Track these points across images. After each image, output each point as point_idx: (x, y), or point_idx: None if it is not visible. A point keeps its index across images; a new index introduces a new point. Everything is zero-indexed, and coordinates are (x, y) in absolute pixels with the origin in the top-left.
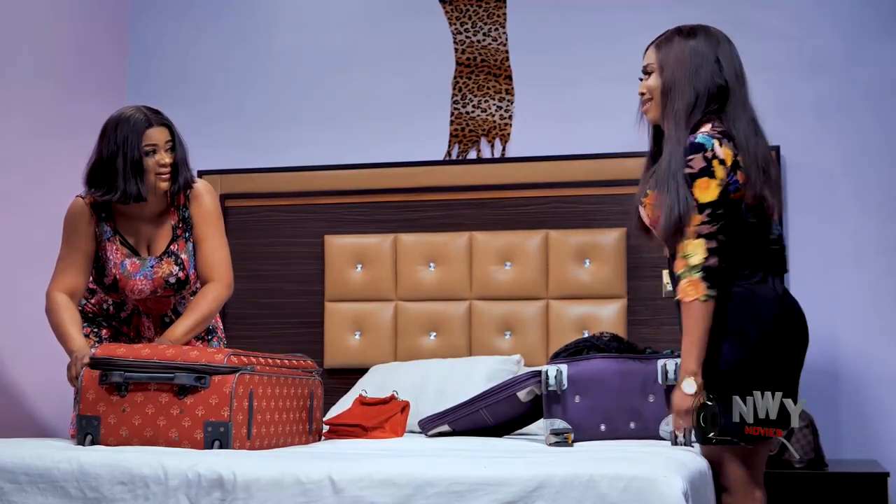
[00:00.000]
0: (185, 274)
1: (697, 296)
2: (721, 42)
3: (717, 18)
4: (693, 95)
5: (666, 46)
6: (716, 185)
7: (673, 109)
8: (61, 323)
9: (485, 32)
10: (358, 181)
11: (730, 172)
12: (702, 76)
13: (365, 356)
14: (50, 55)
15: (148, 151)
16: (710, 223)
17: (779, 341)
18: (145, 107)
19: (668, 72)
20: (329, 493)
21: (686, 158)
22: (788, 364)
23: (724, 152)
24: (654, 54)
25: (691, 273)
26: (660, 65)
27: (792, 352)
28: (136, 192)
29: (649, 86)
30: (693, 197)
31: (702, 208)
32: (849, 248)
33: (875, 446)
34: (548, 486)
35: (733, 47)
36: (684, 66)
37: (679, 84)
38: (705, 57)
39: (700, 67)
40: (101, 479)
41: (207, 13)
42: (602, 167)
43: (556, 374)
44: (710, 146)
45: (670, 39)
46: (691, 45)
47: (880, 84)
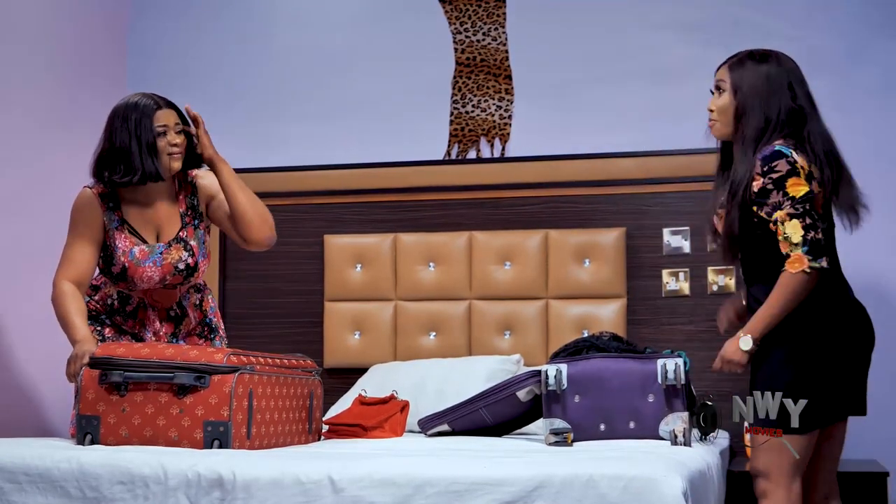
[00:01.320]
0: (193, 260)
1: (802, 267)
2: (793, 68)
3: (717, 18)
4: (764, 120)
5: (739, 69)
6: (804, 182)
7: (743, 133)
8: (66, 312)
9: (484, 32)
10: (357, 181)
11: (807, 181)
12: (774, 102)
13: (364, 356)
14: (50, 54)
15: (160, 133)
16: (802, 204)
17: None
18: (148, 92)
19: (741, 95)
20: (329, 493)
21: (770, 165)
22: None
23: (802, 161)
24: (728, 74)
25: (795, 249)
26: (734, 86)
27: (858, 351)
28: (154, 170)
29: (719, 105)
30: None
31: (795, 202)
32: (847, 247)
33: (875, 446)
34: (547, 486)
35: (801, 72)
36: (758, 91)
37: (752, 108)
38: (779, 83)
39: (773, 93)
40: (101, 479)
41: (207, 13)
42: (602, 167)
43: (556, 373)
44: (789, 153)
45: (743, 62)
46: (764, 71)
47: (879, 83)
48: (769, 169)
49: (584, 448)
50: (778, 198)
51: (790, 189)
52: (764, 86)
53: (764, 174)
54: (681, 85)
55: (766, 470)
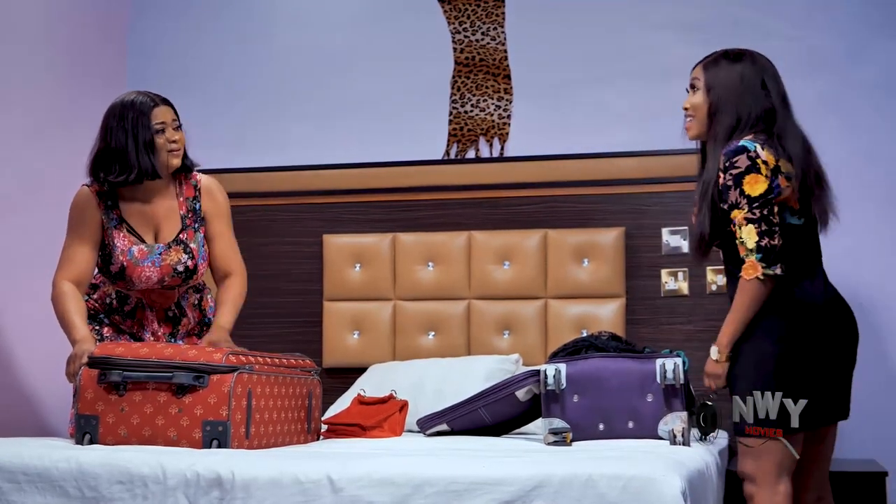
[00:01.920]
0: (193, 263)
1: (756, 274)
2: (767, 67)
3: (717, 18)
4: (736, 118)
5: (714, 68)
6: (763, 179)
7: (716, 131)
8: (66, 312)
9: (483, 32)
10: (357, 180)
11: (773, 176)
12: (747, 100)
13: (363, 355)
14: (50, 54)
15: (158, 130)
16: (759, 208)
17: (826, 338)
18: (143, 90)
19: (715, 94)
20: (328, 493)
21: (731, 161)
22: (838, 360)
23: (767, 156)
24: (702, 73)
25: (749, 255)
26: (707, 85)
27: (841, 348)
28: (151, 168)
29: (694, 102)
30: (743, 194)
31: (752, 201)
32: (846, 247)
33: (873, 446)
34: (546, 486)
35: (777, 71)
36: (731, 90)
37: (725, 107)
38: (752, 81)
39: (746, 92)
40: (100, 479)
41: (207, 13)
42: (600, 167)
43: (555, 373)
44: (753, 148)
45: (717, 62)
46: (738, 70)
47: (879, 83)
48: (730, 165)
49: (582, 448)
50: (735, 196)
51: (746, 187)
52: (737, 85)
53: (725, 170)
54: (680, 85)
55: (752, 473)
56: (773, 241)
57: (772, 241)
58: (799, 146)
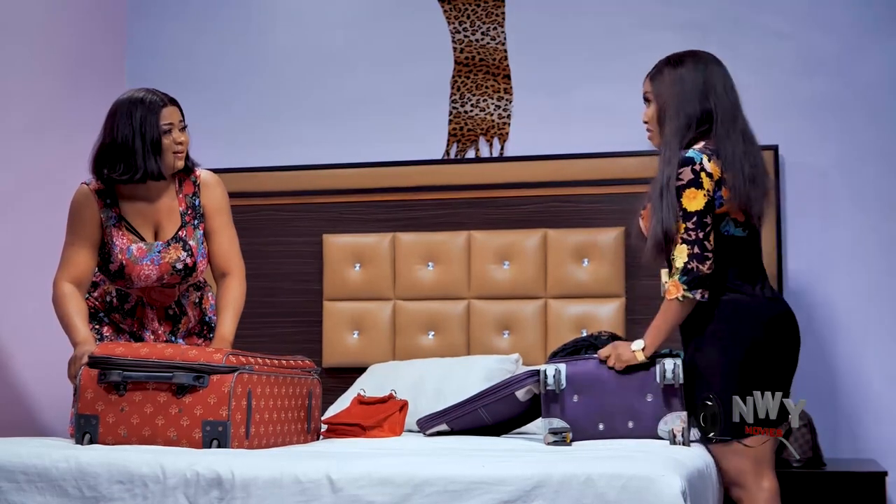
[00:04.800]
0: (192, 260)
1: (676, 295)
2: (709, 65)
3: (714, 18)
4: (683, 119)
5: (658, 77)
6: (702, 196)
7: (665, 135)
8: (67, 314)
9: (483, 32)
10: (356, 180)
11: (716, 188)
12: (690, 101)
13: (363, 355)
14: (49, 54)
15: (165, 130)
16: (695, 230)
17: (770, 344)
18: (150, 88)
19: (661, 101)
20: (327, 493)
21: (677, 172)
22: (781, 365)
23: (712, 167)
24: (650, 84)
25: (674, 275)
26: (654, 95)
27: (784, 353)
28: (156, 169)
29: (648, 114)
30: (681, 207)
31: (688, 216)
32: (845, 247)
33: (873, 446)
34: (546, 485)
35: (722, 67)
36: (673, 95)
37: (669, 111)
38: (693, 83)
39: (688, 93)
40: (100, 479)
41: (206, 12)
42: (600, 166)
43: (555, 373)
44: (699, 160)
45: (661, 70)
46: (679, 73)
47: (877, 83)
48: (677, 175)
49: (582, 447)
50: (677, 207)
51: (685, 200)
52: (678, 88)
53: (677, 178)
54: None
55: (735, 478)
56: (701, 267)
57: (700, 267)
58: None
